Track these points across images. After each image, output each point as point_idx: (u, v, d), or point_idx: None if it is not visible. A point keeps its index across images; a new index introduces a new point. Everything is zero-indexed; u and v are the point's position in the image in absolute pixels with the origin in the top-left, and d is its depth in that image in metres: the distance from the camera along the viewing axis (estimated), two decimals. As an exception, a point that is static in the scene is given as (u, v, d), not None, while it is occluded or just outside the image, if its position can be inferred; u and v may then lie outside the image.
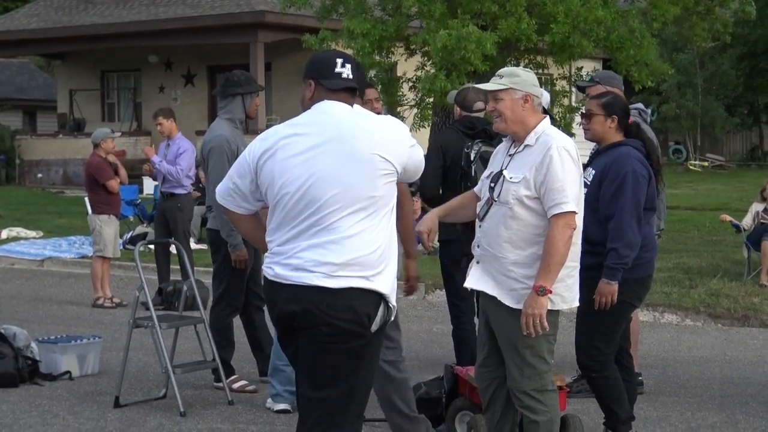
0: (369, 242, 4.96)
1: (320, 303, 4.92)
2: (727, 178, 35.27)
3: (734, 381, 9.64)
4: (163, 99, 32.41)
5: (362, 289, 4.94)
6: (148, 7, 31.76)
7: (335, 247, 4.93)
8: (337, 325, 4.92)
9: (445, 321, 10.77)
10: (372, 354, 5.07)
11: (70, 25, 32.36)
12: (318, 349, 4.99)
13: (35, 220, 23.42)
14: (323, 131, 5.01)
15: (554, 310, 5.93)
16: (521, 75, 6.10)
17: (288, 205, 5.02)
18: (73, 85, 35.40)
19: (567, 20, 17.32)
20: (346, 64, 5.12)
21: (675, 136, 43.17)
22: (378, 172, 4.95)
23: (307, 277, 4.94)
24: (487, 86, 6.11)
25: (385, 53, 18.99)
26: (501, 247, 5.95)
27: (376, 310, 4.98)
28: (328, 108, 5.06)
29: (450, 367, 7.54)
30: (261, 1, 28.87)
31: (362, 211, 4.95)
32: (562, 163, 5.84)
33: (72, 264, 18.01)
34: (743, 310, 12.98)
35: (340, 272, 4.92)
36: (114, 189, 13.75)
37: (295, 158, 5.01)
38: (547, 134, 5.99)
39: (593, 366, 7.01)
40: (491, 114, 6.19)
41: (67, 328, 11.48)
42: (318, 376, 5.03)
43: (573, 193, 5.85)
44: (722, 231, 19.67)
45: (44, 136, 36.08)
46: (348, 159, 4.94)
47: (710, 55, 40.55)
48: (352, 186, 4.93)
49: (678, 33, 22.54)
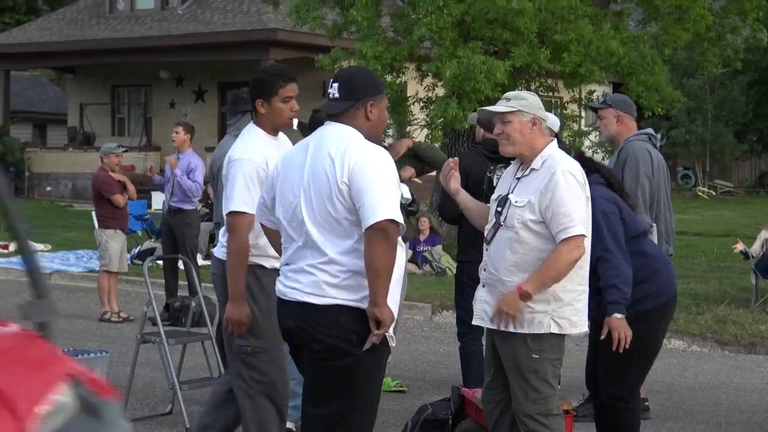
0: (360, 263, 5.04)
1: (310, 319, 4.99)
2: (735, 204, 35.23)
3: (741, 408, 9.62)
4: (173, 114, 32.47)
5: (351, 306, 4.98)
6: (160, 22, 31.87)
7: (326, 266, 5.05)
8: (325, 341, 4.99)
9: (452, 342, 10.76)
10: (367, 374, 5.08)
11: (81, 39, 32.50)
12: (312, 365, 5.10)
13: (44, 233, 23.43)
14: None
15: (561, 334, 5.91)
16: (528, 98, 6.09)
17: (284, 222, 5.19)
18: (83, 99, 35.50)
19: (579, 49, 17.33)
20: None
21: (684, 162, 43.13)
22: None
23: (297, 294, 5.02)
24: (497, 108, 6.10)
25: (396, 73, 19.03)
26: (507, 271, 5.93)
27: (368, 328, 5.01)
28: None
29: (457, 389, 7.53)
30: (273, 18, 28.96)
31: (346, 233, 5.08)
32: (568, 187, 5.82)
33: (80, 278, 18.02)
34: (750, 337, 12.94)
35: (329, 290, 4.97)
36: (119, 204, 13.77)
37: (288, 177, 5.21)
38: (552, 158, 5.96)
39: (623, 396, 6.84)
40: (498, 137, 6.16)
41: (73, 342, 11.48)
42: (315, 393, 5.11)
43: (580, 217, 5.83)
44: (730, 257, 19.63)
45: (54, 150, 36.16)
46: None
47: (720, 81, 40.55)
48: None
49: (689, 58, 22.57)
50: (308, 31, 20.17)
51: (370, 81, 5.31)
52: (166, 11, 32.54)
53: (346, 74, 5.34)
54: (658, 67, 18.40)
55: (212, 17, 31.14)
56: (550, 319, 5.85)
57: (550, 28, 17.65)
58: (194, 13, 31.89)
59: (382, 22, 19.06)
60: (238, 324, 6.11)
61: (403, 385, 9.73)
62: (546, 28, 17.76)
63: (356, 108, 5.20)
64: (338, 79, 5.26)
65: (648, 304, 6.70)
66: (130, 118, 35.92)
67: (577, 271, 5.88)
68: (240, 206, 6.04)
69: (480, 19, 17.46)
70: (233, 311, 6.11)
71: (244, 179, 6.08)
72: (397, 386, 9.64)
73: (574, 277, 5.88)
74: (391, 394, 9.42)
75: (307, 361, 5.16)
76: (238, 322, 6.12)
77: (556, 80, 19.93)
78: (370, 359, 5.06)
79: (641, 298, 6.66)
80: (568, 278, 5.85)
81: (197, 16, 31.56)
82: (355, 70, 5.52)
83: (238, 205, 6.04)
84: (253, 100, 6.36)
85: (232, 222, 6.09)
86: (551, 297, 5.85)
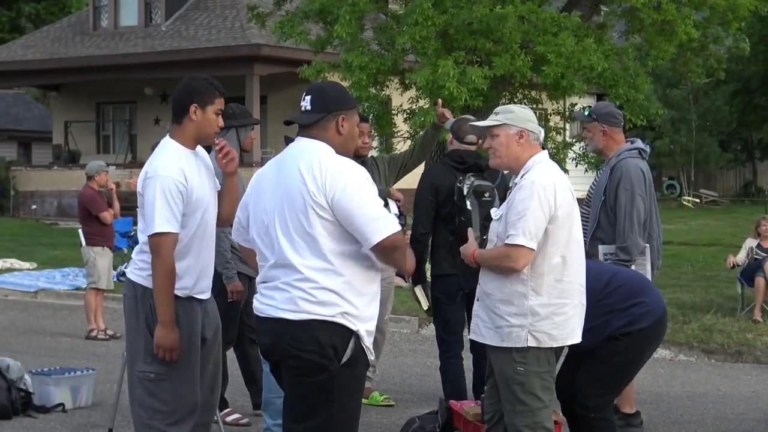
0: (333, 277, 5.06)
1: (285, 335, 4.99)
2: (720, 213, 35.32)
3: (728, 417, 9.63)
4: (158, 131, 32.40)
5: (327, 321, 4.99)
6: (144, 39, 31.86)
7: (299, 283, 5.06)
8: (301, 356, 4.99)
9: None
10: (346, 388, 5.09)
11: (66, 56, 32.48)
12: (290, 381, 5.10)
13: (29, 251, 23.40)
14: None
15: (543, 348, 5.92)
16: (515, 111, 6.13)
17: (257, 241, 5.21)
18: (68, 117, 35.45)
19: (560, 60, 17.35)
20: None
21: (669, 172, 43.28)
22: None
23: (273, 310, 5.03)
24: (483, 123, 6.15)
25: (380, 87, 19.05)
26: (489, 285, 6.01)
27: (344, 343, 5.02)
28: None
29: (444, 401, 7.54)
30: (257, 34, 28.96)
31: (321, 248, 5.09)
32: (529, 196, 5.84)
33: (66, 296, 17.97)
34: (737, 345, 12.98)
35: (304, 305, 4.98)
36: (107, 221, 13.76)
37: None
38: (531, 169, 5.99)
39: (598, 407, 6.81)
40: (488, 150, 6.21)
41: (60, 360, 11.46)
42: (294, 409, 5.11)
43: (528, 228, 5.81)
44: (716, 266, 19.69)
45: (39, 168, 36.11)
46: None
47: (704, 90, 40.71)
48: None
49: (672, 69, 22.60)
50: (292, 46, 20.19)
51: (342, 95, 5.29)
52: (150, 28, 32.53)
53: (319, 87, 5.34)
54: (640, 79, 18.41)
55: (196, 33, 31.14)
56: (527, 333, 5.88)
57: (533, 40, 17.68)
58: (178, 29, 31.88)
59: (365, 35, 19.09)
60: (170, 350, 5.81)
61: (391, 400, 9.72)
62: (528, 40, 17.80)
63: (327, 120, 5.19)
64: (311, 92, 5.26)
65: (642, 322, 6.77)
66: (115, 135, 35.87)
67: (556, 285, 5.91)
68: (163, 226, 5.76)
69: (463, 30, 17.50)
70: (164, 336, 5.81)
71: (163, 196, 5.79)
72: (385, 401, 9.63)
73: (552, 291, 5.90)
74: (379, 408, 9.41)
75: (285, 378, 5.15)
76: (170, 348, 5.81)
77: (540, 92, 19.97)
78: (348, 374, 5.06)
79: (636, 318, 6.77)
80: (546, 292, 5.88)
81: (181, 33, 31.56)
82: (327, 83, 5.50)
83: (161, 226, 5.76)
84: (186, 105, 6.01)
85: (156, 243, 5.78)
86: (528, 311, 5.87)
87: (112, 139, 35.86)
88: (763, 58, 40.31)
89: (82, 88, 34.59)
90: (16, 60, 33.59)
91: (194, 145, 6.05)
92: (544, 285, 5.87)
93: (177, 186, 5.81)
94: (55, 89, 36.65)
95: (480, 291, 6.09)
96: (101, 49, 32.22)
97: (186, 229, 5.91)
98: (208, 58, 29.65)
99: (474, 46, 17.68)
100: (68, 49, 32.94)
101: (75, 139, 34.93)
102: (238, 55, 29.31)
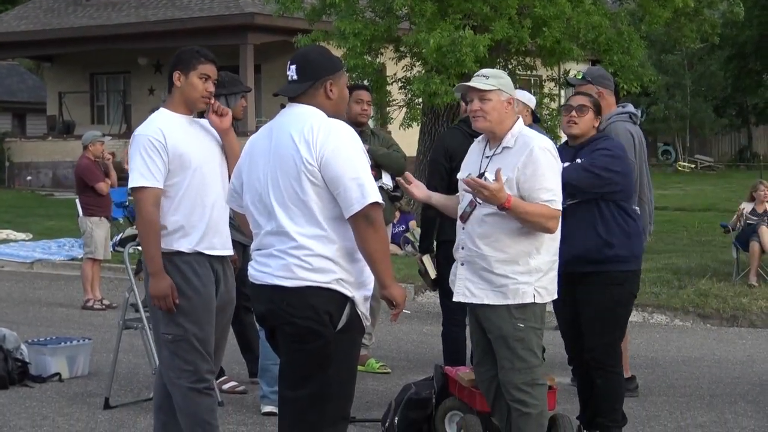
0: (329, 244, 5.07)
1: (281, 302, 4.99)
2: (715, 179, 35.36)
3: (723, 381, 9.67)
4: (152, 101, 32.34)
5: (322, 288, 4.99)
6: (137, 9, 31.74)
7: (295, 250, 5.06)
8: (297, 323, 4.99)
9: (435, 322, 10.80)
10: (342, 354, 5.09)
11: (59, 27, 32.35)
12: (286, 349, 5.10)
13: (25, 222, 23.40)
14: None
15: (540, 303, 6.05)
16: (504, 77, 6.22)
17: (251, 208, 5.23)
18: (62, 88, 35.37)
19: (559, 24, 17.29)
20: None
21: (664, 138, 43.25)
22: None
23: (268, 277, 5.03)
24: (479, 85, 6.13)
25: (374, 54, 18.98)
26: (487, 247, 6.03)
27: (340, 310, 5.02)
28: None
29: (440, 368, 7.54)
30: (250, 3, 28.88)
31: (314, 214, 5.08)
32: (547, 163, 5.98)
33: (61, 266, 17.99)
34: (732, 310, 13.02)
35: (299, 272, 4.99)
36: (103, 191, 13.76)
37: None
38: (524, 135, 6.10)
39: (610, 361, 7.02)
40: (471, 114, 6.21)
41: (56, 330, 11.47)
42: (289, 376, 5.11)
43: (559, 192, 6.02)
44: (711, 231, 19.73)
45: (34, 139, 36.04)
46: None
47: (699, 56, 40.65)
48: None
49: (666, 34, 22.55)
50: (287, 15, 20.12)
51: (327, 59, 5.25)
52: (143, -3, 32.42)
53: (302, 55, 5.28)
54: (635, 44, 18.36)
55: (189, 3, 31.03)
56: (533, 289, 6.00)
57: (529, 5, 17.61)
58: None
59: (360, 3, 19.01)
60: (164, 298, 5.93)
61: (387, 367, 9.74)
62: (524, 6, 17.73)
63: (315, 88, 5.16)
64: (295, 60, 5.22)
65: (632, 265, 7.03)
66: (109, 105, 35.80)
67: (551, 243, 6.07)
68: (137, 181, 5.97)
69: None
70: (156, 286, 5.95)
71: (139, 154, 6.00)
72: (381, 368, 9.65)
73: (549, 248, 6.07)
74: (375, 375, 9.44)
75: (281, 345, 5.15)
76: (163, 296, 5.93)
77: (534, 58, 19.91)
78: (343, 340, 5.07)
79: (628, 257, 6.98)
80: (545, 249, 6.04)
81: (174, 2, 31.43)
82: (310, 49, 5.42)
83: (136, 180, 5.97)
84: (171, 73, 6.23)
85: (135, 198, 6.03)
86: (533, 269, 6.00)
87: (106, 109, 35.78)
88: (757, 22, 40.26)
89: (76, 59, 34.47)
90: (10, 31, 33.47)
91: (186, 110, 6.21)
92: (544, 244, 6.03)
93: (151, 142, 6.00)
94: (49, 60, 36.53)
95: (469, 255, 6.09)
96: (94, 19, 32.10)
97: (174, 187, 6.04)
98: (201, 28, 29.55)
99: (471, 10, 17.60)
100: (61, 20, 32.82)
101: (69, 110, 34.85)
102: (232, 24, 29.22)
